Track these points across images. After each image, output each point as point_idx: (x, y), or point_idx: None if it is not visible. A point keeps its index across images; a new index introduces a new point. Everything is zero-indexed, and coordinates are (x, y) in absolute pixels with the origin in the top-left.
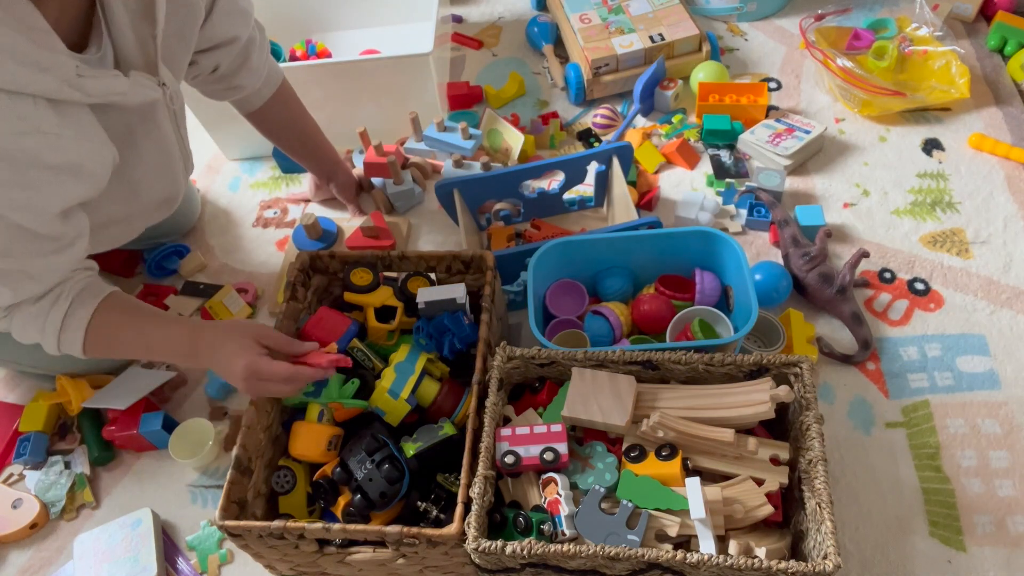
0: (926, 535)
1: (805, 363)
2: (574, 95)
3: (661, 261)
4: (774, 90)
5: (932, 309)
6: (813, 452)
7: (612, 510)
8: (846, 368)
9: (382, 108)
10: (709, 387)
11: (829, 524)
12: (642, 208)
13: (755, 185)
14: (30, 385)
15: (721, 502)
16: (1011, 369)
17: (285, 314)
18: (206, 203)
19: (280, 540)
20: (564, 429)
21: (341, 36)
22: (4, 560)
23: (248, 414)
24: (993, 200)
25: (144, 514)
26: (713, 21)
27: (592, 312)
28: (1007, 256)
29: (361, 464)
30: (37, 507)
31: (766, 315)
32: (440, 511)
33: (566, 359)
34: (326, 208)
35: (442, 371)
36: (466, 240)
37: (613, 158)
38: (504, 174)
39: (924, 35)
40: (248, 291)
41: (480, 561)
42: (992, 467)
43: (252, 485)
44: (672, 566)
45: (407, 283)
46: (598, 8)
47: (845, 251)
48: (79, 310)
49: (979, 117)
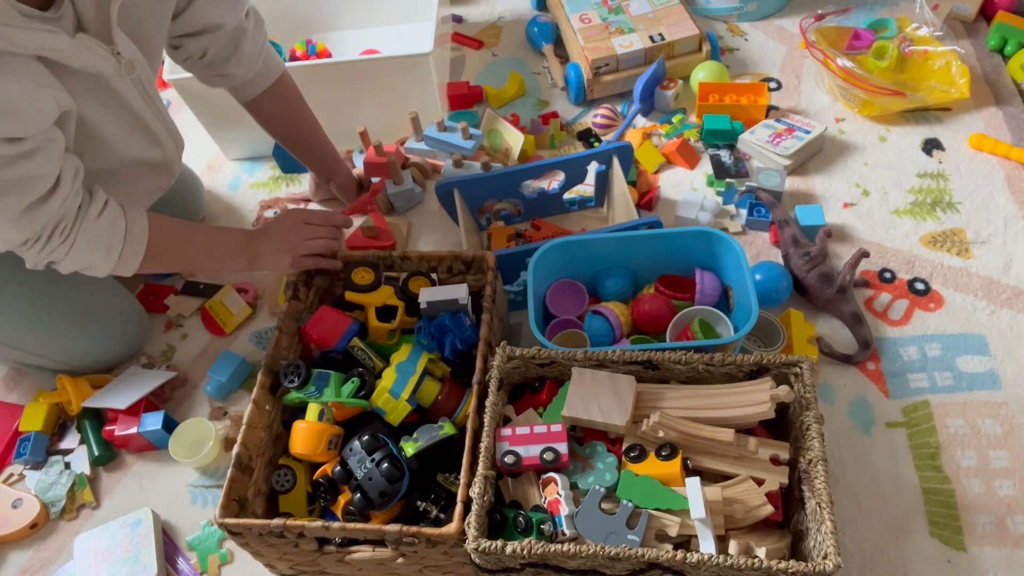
0: (926, 535)
1: (805, 363)
2: (574, 95)
3: (661, 261)
4: (774, 90)
5: (932, 309)
6: (813, 452)
7: (612, 510)
8: (846, 368)
9: (382, 108)
10: (709, 387)
11: (829, 524)
12: (642, 208)
13: (755, 185)
14: (30, 385)
15: (721, 502)
16: (1011, 369)
17: (287, 313)
18: (206, 203)
19: (280, 539)
20: (564, 429)
21: (341, 36)
22: (4, 560)
23: (249, 413)
24: (993, 200)
25: (144, 514)
26: (713, 21)
27: (592, 312)
28: (1007, 256)
29: (361, 463)
30: (37, 507)
31: (766, 315)
32: (440, 511)
33: (566, 359)
34: (326, 208)
35: (443, 371)
36: (466, 240)
37: (613, 158)
38: (504, 174)
39: (924, 35)
40: (248, 291)
41: (480, 561)
42: (992, 467)
43: (252, 483)
44: (672, 566)
45: (408, 283)
46: (598, 8)
47: (845, 251)
48: (139, 218)
49: (979, 117)
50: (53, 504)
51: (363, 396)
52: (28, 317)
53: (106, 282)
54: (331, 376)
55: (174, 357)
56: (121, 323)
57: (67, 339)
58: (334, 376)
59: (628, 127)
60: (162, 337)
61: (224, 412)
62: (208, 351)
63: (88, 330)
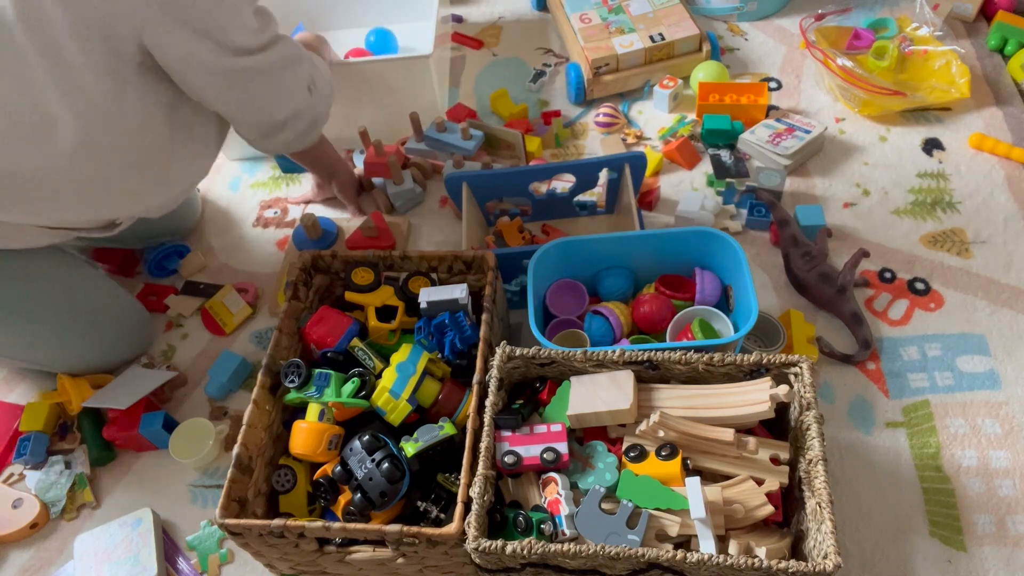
0: (926, 535)
1: (805, 363)
2: (574, 95)
3: (661, 261)
4: (774, 90)
5: (932, 309)
6: (813, 452)
7: (612, 510)
8: (846, 368)
9: (382, 109)
10: (709, 387)
11: (829, 524)
12: (642, 208)
13: (755, 185)
14: (30, 384)
15: (721, 502)
16: (1011, 369)
17: (287, 313)
18: (206, 203)
19: (280, 539)
20: (564, 429)
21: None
22: (4, 560)
23: (249, 413)
24: (993, 200)
25: (144, 514)
26: (713, 21)
27: (592, 312)
28: (1007, 256)
29: (361, 463)
30: (37, 507)
31: (766, 315)
32: (440, 511)
33: (566, 359)
34: (328, 208)
35: (443, 371)
36: (467, 232)
37: (626, 166)
38: (515, 172)
39: (924, 35)
40: (248, 291)
41: (480, 561)
42: (992, 467)
43: (253, 483)
44: (672, 566)
45: (408, 283)
46: (598, 8)
47: (845, 251)
48: None
49: (979, 117)
50: (53, 504)
51: (363, 396)
52: (30, 319)
53: (108, 285)
54: (331, 376)
55: (174, 357)
56: (124, 326)
57: (69, 341)
58: (334, 376)
59: None
60: (162, 337)
61: (224, 412)
62: (208, 351)
63: (91, 333)
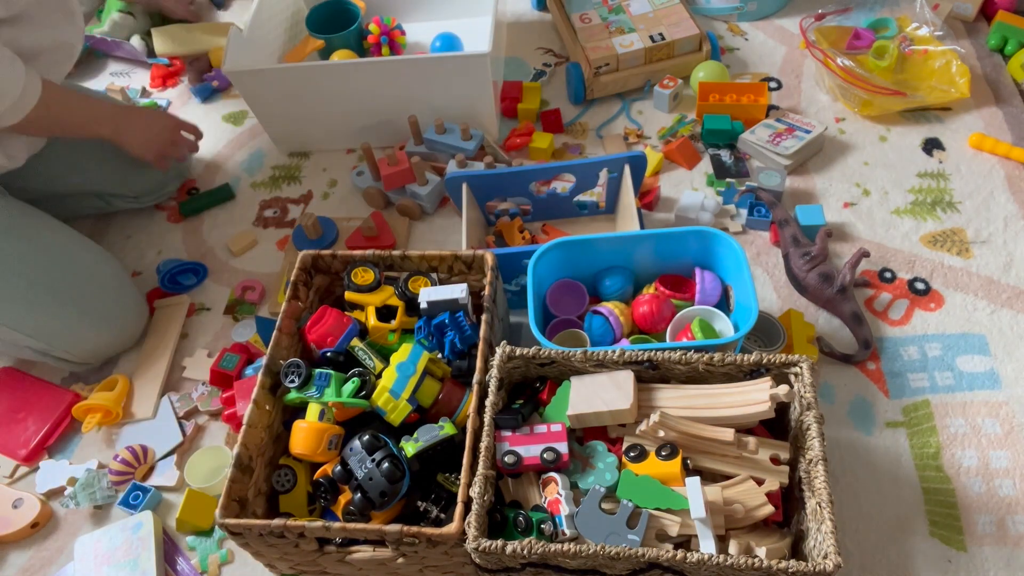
0: (926, 535)
1: (805, 363)
2: (574, 95)
3: (661, 261)
4: (774, 90)
5: (932, 309)
6: (813, 452)
7: (612, 510)
8: (846, 368)
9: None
10: (709, 387)
11: (829, 524)
12: (642, 208)
13: (755, 185)
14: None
15: (721, 502)
16: (1011, 369)
17: (287, 313)
18: None
19: (280, 539)
20: (564, 429)
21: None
22: (4, 560)
23: (249, 412)
24: (993, 200)
25: (145, 517)
26: (713, 21)
27: (592, 312)
28: (1007, 256)
29: (361, 463)
30: (38, 507)
31: (766, 315)
32: (440, 511)
33: (566, 359)
34: None
35: (444, 371)
36: (467, 231)
37: (625, 167)
38: (516, 172)
39: (924, 35)
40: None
41: (480, 561)
42: (992, 467)
43: (252, 483)
44: (672, 566)
45: (408, 283)
46: (598, 8)
47: (845, 251)
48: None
49: (979, 117)
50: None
51: (363, 396)
52: (28, 298)
53: (109, 268)
54: (331, 376)
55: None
56: (121, 309)
57: (67, 322)
58: (334, 376)
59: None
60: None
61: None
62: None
63: (88, 315)
